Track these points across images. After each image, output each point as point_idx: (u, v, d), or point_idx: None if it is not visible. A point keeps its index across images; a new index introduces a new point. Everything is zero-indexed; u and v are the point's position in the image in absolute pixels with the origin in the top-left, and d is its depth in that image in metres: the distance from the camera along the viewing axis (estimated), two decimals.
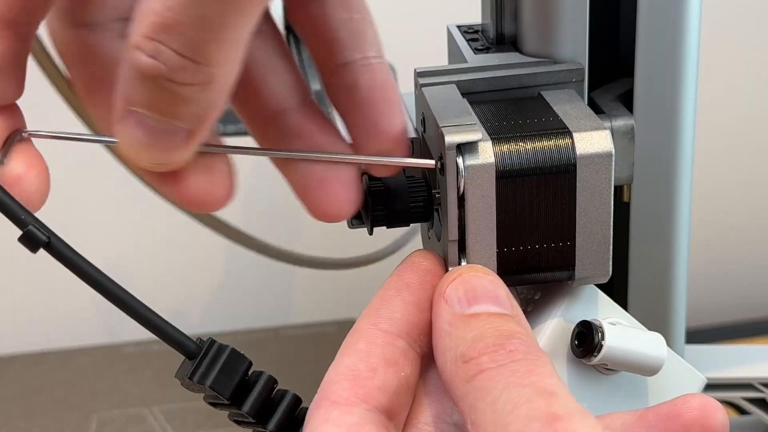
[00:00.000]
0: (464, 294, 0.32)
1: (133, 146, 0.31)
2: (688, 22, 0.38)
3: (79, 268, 0.32)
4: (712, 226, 0.93)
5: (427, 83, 0.37)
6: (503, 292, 0.33)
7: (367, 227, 0.37)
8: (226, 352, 0.33)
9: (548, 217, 0.34)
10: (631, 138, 0.39)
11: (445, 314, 0.32)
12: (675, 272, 0.43)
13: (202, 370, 0.32)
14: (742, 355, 0.51)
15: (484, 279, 0.33)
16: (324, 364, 0.32)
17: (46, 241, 0.31)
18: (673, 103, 0.39)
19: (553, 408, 0.28)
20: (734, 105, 0.89)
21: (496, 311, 0.32)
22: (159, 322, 0.32)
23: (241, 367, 0.33)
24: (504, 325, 0.31)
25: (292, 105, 0.35)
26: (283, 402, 0.33)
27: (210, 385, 0.32)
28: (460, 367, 0.31)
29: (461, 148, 0.33)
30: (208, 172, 0.33)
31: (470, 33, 0.42)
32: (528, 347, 0.31)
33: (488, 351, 0.30)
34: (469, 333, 0.31)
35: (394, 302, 0.33)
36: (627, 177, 0.40)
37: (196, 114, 0.30)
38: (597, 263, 0.35)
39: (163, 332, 0.32)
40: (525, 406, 0.29)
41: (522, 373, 0.30)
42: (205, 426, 0.70)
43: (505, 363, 0.30)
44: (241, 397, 0.33)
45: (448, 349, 0.31)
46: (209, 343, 0.33)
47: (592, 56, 0.39)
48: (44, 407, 0.73)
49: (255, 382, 0.33)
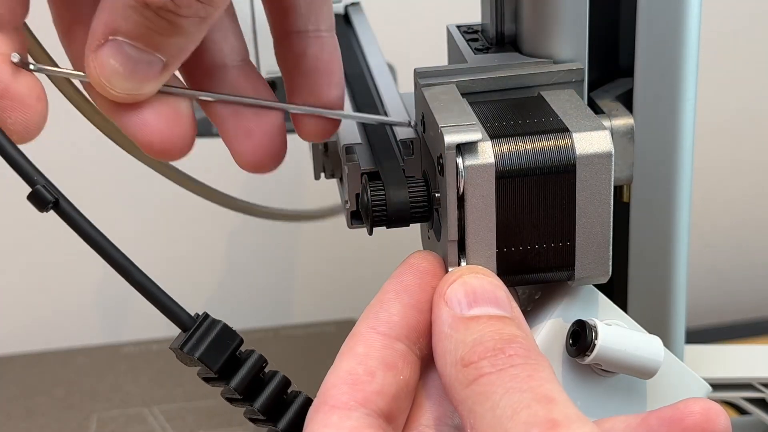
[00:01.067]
0: (464, 296, 0.32)
1: (105, 74, 0.32)
2: (688, 22, 0.38)
3: (84, 231, 0.32)
4: (712, 226, 0.93)
5: (427, 83, 0.37)
6: (503, 294, 0.33)
7: (366, 227, 0.37)
8: (218, 327, 0.33)
9: (548, 218, 0.34)
10: (631, 138, 0.39)
11: (445, 316, 0.32)
12: (675, 272, 0.43)
13: (193, 342, 0.33)
14: (742, 355, 0.51)
15: (484, 280, 0.33)
16: (324, 364, 0.32)
17: (54, 201, 0.32)
18: (673, 103, 0.39)
19: (552, 414, 0.28)
20: (734, 105, 0.89)
21: (496, 314, 0.32)
22: (156, 292, 0.33)
23: (231, 342, 0.33)
24: (504, 328, 0.31)
25: (231, 62, 0.36)
26: (272, 382, 0.34)
27: (199, 357, 0.32)
28: (459, 371, 0.31)
29: (461, 149, 0.33)
30: (170, 114, 0.34)
31: (470, 33, 0.42)
32: (528, 351, 0.31)
33: (488, 355, 0.30)
34: (469, 336, 0.31)
35: (392, 305, 0.33)
36: (627, 177, 0.40)
37: (181, 46, 0.32)
38: (597, 263, 0.35)
39: (160, 302, 0.33)
40: (524, 412, 0.29)
41: (522, 378, 0.30)
42: (205, 426, 0.70)
43: (504, 368, 0.30)
44: (230, 373, 0.33)
45: (447, 353, 0.31)
46: (203, 317, 0.33)
47: (592, 56, 0.39)
48: (44, 407, 0.73)
49: (246, 359, 0.33)
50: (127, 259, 0.33)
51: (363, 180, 0.37)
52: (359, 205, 0.38)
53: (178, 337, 0.33)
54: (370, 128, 0.41)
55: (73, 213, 0.32)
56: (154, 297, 0.33)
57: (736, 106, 0.90)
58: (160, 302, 0.33)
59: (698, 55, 0.39)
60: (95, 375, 0.77)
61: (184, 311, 0.33)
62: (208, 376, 0.33)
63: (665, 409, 0.32)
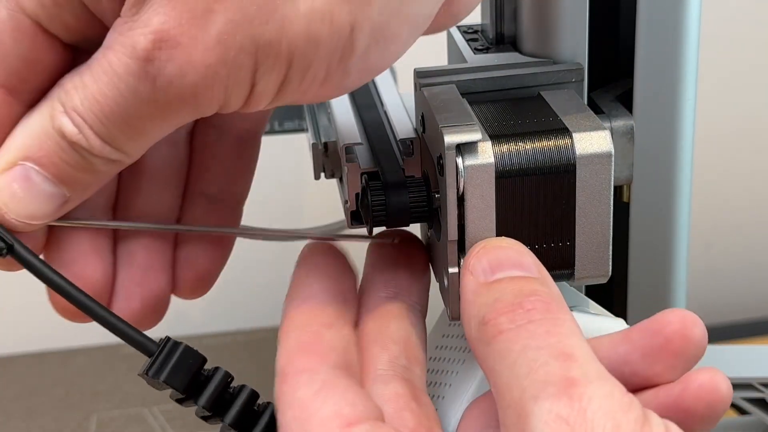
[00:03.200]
0: (488, 264, 0.32)
1: (2, 196, 0.33)
2: (688, 22, 0.38)
3: (42, 274, 0.33)
4: (712, 226, 0.93)
5: (427, 83, 0.37)
6: (529, 259, 0.32)
7: (367, 227, 0.37)
8: (179, 349, 0.34)
9: (548, 217, 0.34)
10: (631, 138, 0.39)
11: (470, 284, 0.32)
12: (675, 272, 0.43)
13: (157, 366, 0.33)
14: (742, 355, 0.51)
15: (509, 249, 0.33)
16: None
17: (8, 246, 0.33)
18: (673, 103, 0.39)
19: (570, 372, 0.28)
20: (734, 105, 0.89)
21: (520, 275, 0.32)
22: (118, 324, 0.34)
23: (195, 362, 0.34)
24: (525, 285, 0.31)
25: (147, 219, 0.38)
26: (240, 396, 0.34)
27: (164, 381, 0.33)
28: (480, 330, 0.30)
29: (461, 148, 0.33)
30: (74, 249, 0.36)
31: (470, 33, 0.42)
32: (548, 305, 0.30)
33: (506, 311, 0.30)
34: (490, 296, 0.31)
35: (307, 280, 0.36)
36: (627, 177, 0.40)
37: (87, 184, 0.33)
38: (597, 263, 0.35)
39: (123, 333, 0.34)
40: (541, 370, 0.28)
41: (539, 334, 0.29)
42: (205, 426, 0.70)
43: (522, 324, 0.30)
44: (197, 392, 0.34)
45: (472, 317, 0.31)
46: (165, 340, 0.34)
47: (592, 56, 0.39)
48: (44, 407, 0.73)
49: (211, 377, 0.34)
50: (88, 297, 0.34)
51: (363, 180, 0.37)
52: (359, 205, 0.38)
53: (144, 364, 0.34)
54: (369, 128, 0.41)
55: (29, 257, 0.33)
56: (117, 329, 0.34)
57: (737, 106, 0.90)
58: (124, 333, 0.34)
59: (698, 55, 0.39)
60: (95, 375, 0.77)
61: (148, 338, 0.34)
62: (178, 397, 0.34)
63: (645, 322, 0.32)
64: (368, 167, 0.38)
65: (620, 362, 0.32)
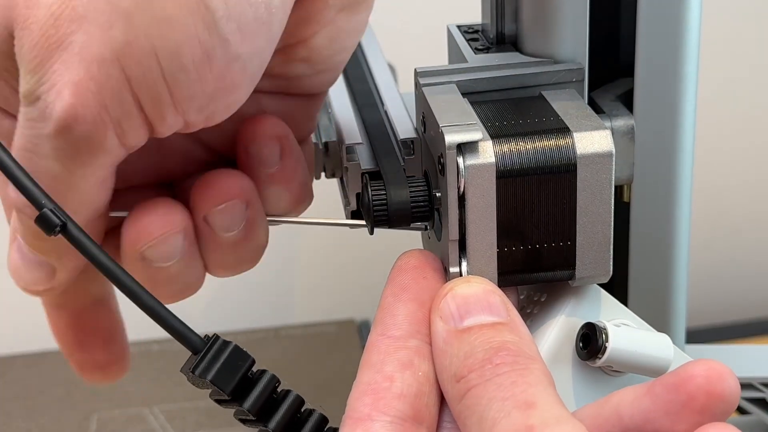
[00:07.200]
0: (456, 308, 0.32)
1: (10, 266, 0.37)
2: (688, 22, 0.38)
3: (92, 255, 0.32)
4: (712, 226, 0.93)
5: (428, 83, 0.37)
6: (497, 299, 0.32)
7: (368, 228, 0.37)
8: (229, 348, 0.33)
9: (549, 217, 0.34)
10: (631, 138, 0.39)
11: (440, 331, 0.32)
12: (675, 272, 0.43)
13: (204, 365, 0.32)
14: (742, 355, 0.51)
15: (476, 287, 0.33)
16: (324, 364, 0.32)
17: (62, 224, 0.32)
18: (673, 103, 0.39)
19: (530, 420, 0.28)
20: (734, 105, 0.89)
21: (489, 321, 0.32)
22: (166, 315, 0.32)
23: (243, 363, 0.33)
24: (495, 336, 0.31)
25: None
26: (286, 401, 0.33)
27: (211, 380, 0.32)
28: (453, 386, 0.31)
29: (461, 148, 0.33)
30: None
31: (470, 33, 0.42)
32: (516, 356, 0.30)
33: (476, 367, 0.31)
34: (461, 350, 0.31)
35: (394, 306, 0.34)
36: (627, 177, 0.40)
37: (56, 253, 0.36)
38: (597, 263, 0.35)
39: (170, 325, 0.33)
40: (504, 421, 0.29)
41: (505, 386, 0.30)
42: (205, 426, 0.70)
43: (490, 378, 0.30)
44: (243, 394, 0.33)
45: (444, 369, 0.32)
46: (213, 338, 0.33)
47: (592, 56, 0.39)
48: (44, 407, 0.73)
49: (258, 379, 0.33)
50: (136, 282, 0.32)
51: (364, 180, 0.37)
52: (360, 204, 0.38)
53: (188, 360, 0.33)
54: (370, 128, 0.41)
55: (81, 237, 0.32)
56: (165, 321, 0.32)
57: (737, 106, 0.90)
58: (171, 326, 0.33)
59: (699, 55, 0.39)
60: None
61: (196, 334, 0.33)
62: (220, 398, 0.33)
63: (668, 375, 0.31)
64: (369, 167, 0.38)
65: (643, 420, 0.31)
